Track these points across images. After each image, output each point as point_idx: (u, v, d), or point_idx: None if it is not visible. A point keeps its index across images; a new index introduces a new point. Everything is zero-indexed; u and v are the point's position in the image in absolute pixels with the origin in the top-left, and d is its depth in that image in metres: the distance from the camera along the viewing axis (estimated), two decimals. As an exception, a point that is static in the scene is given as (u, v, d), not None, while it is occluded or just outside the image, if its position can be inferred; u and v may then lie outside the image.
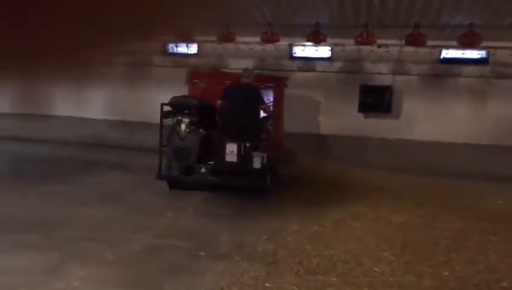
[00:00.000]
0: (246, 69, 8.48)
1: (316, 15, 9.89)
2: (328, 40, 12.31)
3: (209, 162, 7.96)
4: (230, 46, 12.96)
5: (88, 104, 15.08)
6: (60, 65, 1.35)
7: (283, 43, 12.61)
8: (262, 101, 8.08)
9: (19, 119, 14.82)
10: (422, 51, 11.94)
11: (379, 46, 11.81)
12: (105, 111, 15.07)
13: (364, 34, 9.56)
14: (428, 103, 12.52)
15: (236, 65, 13.21)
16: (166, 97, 8.34)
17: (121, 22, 1.02)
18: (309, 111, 13.35)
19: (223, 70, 10.51)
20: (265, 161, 7.79)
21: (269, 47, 12.89)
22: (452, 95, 12.48)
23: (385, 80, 12.50)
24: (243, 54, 13.26)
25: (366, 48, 12.27)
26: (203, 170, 7.86)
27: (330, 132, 13.26)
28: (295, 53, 13.58)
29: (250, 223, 7.04)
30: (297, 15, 9.81)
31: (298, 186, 9.44)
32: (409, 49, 11.72)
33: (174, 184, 8.33)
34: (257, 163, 7.74)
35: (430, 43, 11.04)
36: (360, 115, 12.89)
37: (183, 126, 7.85)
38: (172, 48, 14.57)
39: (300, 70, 13.46)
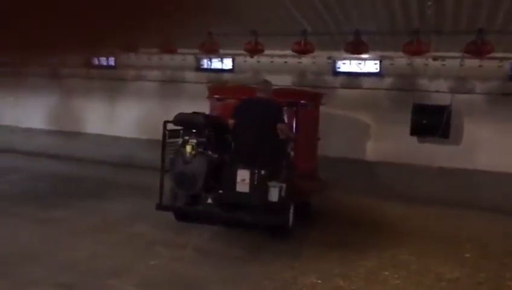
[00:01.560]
0: (263, 82, 7.20)
1: (359, 21, 8.51)
2: (375, 52, 10.93)
3: (219, 192, 6.70)
4: (264, 59, 11.79)
5: (119, 121, 14.32)
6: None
7: (322, 55, 11.32)
8: (280, 120, 6.78)
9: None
10: (488, 64, 10.28)
11: (435, 58, 10.29)
12: (136, 129, 14.18)
13: (415, 42, 8.04)
14: (495, 126, 10.80)
15: (273, 81, 12.09)
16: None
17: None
18: (354, 133, 11.96)
19: (251, 85, 9.28)
20: (283, 193, 6.45)
21: (307, 61, 11.64)
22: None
23: (443, 99, 10.88)
24: (280, 68, 12.07)
25: (419, 61, 10.76)
26: (209, 200, 6.62)
27: (377, 158, 11.77)
28: (339, 68, 12.25)
29: (258, 271, 5.78)
30: (336, 21, 8.46)
31: (328, 224, 8.08)
32: (472, 62, 10.09)
33: (181, 215, 7.14)
34: (274, 195, 6.43)
35: (498, 54, 9.39)
36: (414, 140, 11.31)
37: (188, 148, 6.68)
38: (206, 62, 13.62)
39: (344, 87, 12.09)
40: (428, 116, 10.64)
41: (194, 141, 6.73)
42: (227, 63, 13.19)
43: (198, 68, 13.56)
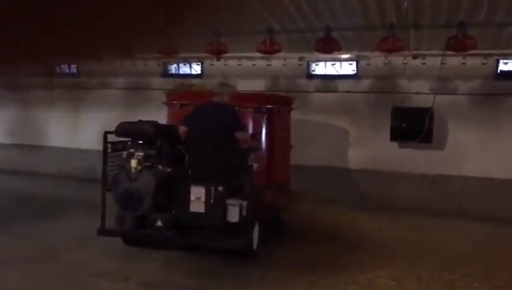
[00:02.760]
0: (220, 85, 6.25)
1: (331, 17, 7.62)
2: (350, 52, 10.10)
3: (171, 212, 5.73)
4: (232, 62, 10.89)
5: (81, 132, 13.25)
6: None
7: (292, 57, 10.45)
8: (239, 128, 5.82)
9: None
10: (472, 62, 9.48)
11: (414, 56, 9.45)
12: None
13: (391, 39, 7.16)
14: (480, 129, 10.01)
15: (244, 86, 11.17)
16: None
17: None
18: (331, 141, 11.15)
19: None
20: (245, 212, 5.51)
21: (277, 63, 10.75)
22: (512, 119, 9.87)
23: (425, 101, 10.04)
24: (249, 72, 11.18)
25: (398, 61, 9.92)
26: (159, 223, 5.63)
27: (356, 166, 10.91)
28: (313, 70, 11.38)
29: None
30: (305, 17, 7.57)
31: (299, 243, 7.17)
32: (455, 60, 9.31)
33: (130, 240, 6.15)
34: (233, 215, 5.51)
35: (482, 51, 8.57)
36: (394, 145, 10.44)
37: (133, 163, 5.71)
38: (173, 68, 12.68)
39: (319, 90, 11.22)
40: (409, 120, 9.81)
41: (141, 154, 5.75)
42: (196, 68, 12.22)
43: (166, 74, 12.59)
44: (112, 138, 6.10)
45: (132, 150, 5.82)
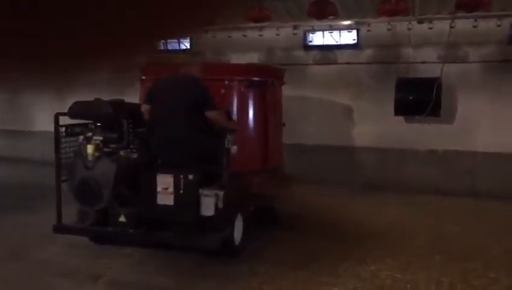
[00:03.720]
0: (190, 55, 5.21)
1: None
2: (350, 20, 9.02)
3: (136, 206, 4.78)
4: (220, 35, 9.83)
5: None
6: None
7: (286, 26, 9.39)
8: (209, 106, 4.80)
9: None
10: (484, 24, 8.35)
11: (420, 21, 8.32)
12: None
13: (394, 0, 6.09)
14: (494, 101, 8.98)
15: (237, 60, 10.17)
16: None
17: None
18: (331, 117, 10.08)
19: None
20: (221, 203, 4.54)
21: (270, 33, 9.70)
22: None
23: (432, 71, 8.98)
24: (242, 45, 10.11)
25: (402, 26, 8.84)
26: (122, 218, 4.69)
27: (359, 144, 9.90)
28: (310, 41, 10.30)
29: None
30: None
31: (292, 234, 6.25)
32: (465, 23, 8.19)
33: (95, 236, 5.23)
34: (208, 207, 4.55)
35: (496, 13, 7.47)
36: (400, 120, 9.39)
37: (89, 148, 4.74)
38: (161, 44, 11.59)
39: (318, 63, 10.14)
40: (415, 92, 8.78)
41: (100, 138, 4.78)
42: (186, 43, 11.16)
43: (155, 51, 11.51)
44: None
45: (90, 134, 4.83)
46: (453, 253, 5.66)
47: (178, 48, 11.25)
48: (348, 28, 9.57)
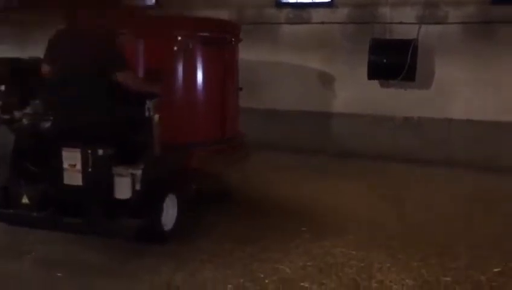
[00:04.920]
0: None
1: None
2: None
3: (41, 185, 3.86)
4: None
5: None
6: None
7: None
8: (121, 65, 3.83)
9: None
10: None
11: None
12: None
13: None
14: (474, 65, 8.00)
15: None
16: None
17: None
18: (303, 80, 9.10)
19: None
20: (140, 185, 3.64)
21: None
22: None
23: (409, 33, 7.97)
24: (212, 2, 8.97)
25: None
26: (24, 199, 3.78)
27: (332, 109, 8.94)
28: (283, -2, 9.21)
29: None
30: None
31: (243, 213, 5.38)
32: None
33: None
34: (122, 189, 3.67)
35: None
36: (375, 84, 8.45)
37: (-18, 115, 3.80)
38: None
39: (290, 22, 9.06)
40: (389, 55, 7.82)
41: (-3, 103, 3.84)
42: (151, -2, 10.04)
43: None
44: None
45: (-14, 98, 3.87)
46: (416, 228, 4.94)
47: (145, 3, 10.16)
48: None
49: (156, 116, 4.00)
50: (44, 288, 3.66)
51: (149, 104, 3.91)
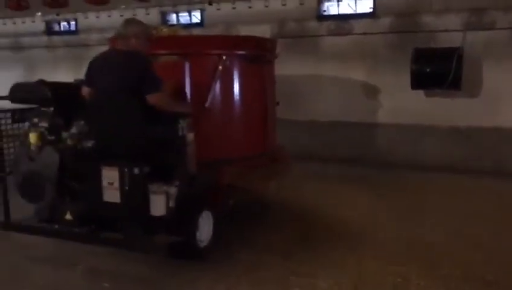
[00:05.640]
0: (125, 23, 4.19)
1: None
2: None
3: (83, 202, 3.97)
4: (241, 6, 8.80)
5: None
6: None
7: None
8: (151, 87, 3.85)
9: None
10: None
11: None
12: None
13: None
14: (523, 71, 7.56)
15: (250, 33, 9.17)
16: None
17: None
18: (345, 91, 8.95)
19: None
20: (173, 202, 3.67)
21: (293, 3, 8.59)
22: None
23: (455, 40, 7.68)
24: (259, 17, 9.18)
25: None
26: (68, 215, 3.90)
27: (375, 120, 8.72)
28: (325, 10, 9.11)
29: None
30: None
31: (284, 224, 5.27)
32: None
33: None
34: (157, 206, 3.69)
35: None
36: (419, 94, 8.18)
37: (32, 137, 3.95)
38: (172, 17, 10.69)
39: (331, 34, 8.95)
40: (433, 64, 7.54)
41: (44, 125, 3.96)
42: (197, 16, 10.20)
43: (165, 24, 10.63)
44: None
45: (35, 120, 4.02)
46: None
47: (190, 22, 10.35)
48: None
49: (190, 135, 4.02)
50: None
51: (182, 123, 3.94)
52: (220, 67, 5.03)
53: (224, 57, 5.04)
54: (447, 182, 7.35)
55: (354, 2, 8.89)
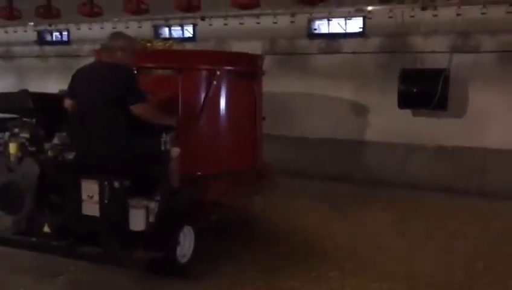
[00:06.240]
0: (111, 36, 4.12)
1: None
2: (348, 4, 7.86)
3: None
4: (233, 22, 8.78)
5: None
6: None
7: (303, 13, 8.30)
8: (136, 98, 3.77)
9: None
10: (493, 11, 7.02)
11: (424, 8, 7.07)
12: None
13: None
14: (508, 93, 7.68)
15: (239, 48, 9.12)
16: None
17: None
18: (335, 109, 8.91)
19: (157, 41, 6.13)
20: (153, 217, 3.57)
21: (284, 21, 8.58)
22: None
23: (441, 62, 7.70)
24: (251, 33, 9.11)
25: (405, 14, 7.59)
26: (46, 228, 3.77)
27: (363, 138, 8.69)
28: (315, 29, 9.12)
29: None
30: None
31: (268, 239, 5.22)
32: (473, 10, 6.87)
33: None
34: (137, 221, 3.59)
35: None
36: (407, 113, 8.14)
37: (12, 147, 3.84)
38: (164, 31, 10.64)
39: (322, 52, 8.93)
40: (420, 84, 7.54)
41: (26, 135, 3.85)
42: (190, 30, 10.16)
43: (158, 37, 10.57)
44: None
45: (16, 130, 3.91)
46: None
47: (182, 36, 10.30)
48: (347, 15, 8.36)
49: (174, 150, 3.93)
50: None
51: (165, 137, 3.85)
52: (215, 82, 4.97)
53: (218, 72, 5.00)
54: (434, 201, 7.30)
55: (344, 21, 8.88)
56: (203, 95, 4.94)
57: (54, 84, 8.45)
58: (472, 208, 6.96)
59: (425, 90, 7.45)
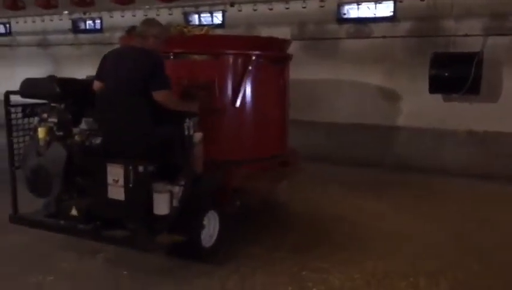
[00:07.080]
0: (143, 23, 4.03)
1: None
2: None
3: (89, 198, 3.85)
4: (262, 8, 8.60)
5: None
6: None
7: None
8: (158, 85, 3.69)
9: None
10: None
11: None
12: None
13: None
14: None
15: (268, 34, 8.97)
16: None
17: None
18: (364, 94, 8.66)
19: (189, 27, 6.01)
20: (178, 202, 3.51)
21: (313, 5, 8.32)
22: None
23: (475, 45, 7.33)
24: (279, 19, 8.92)
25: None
26: (73, 211, 3.77)
27: (393, 123, 8.41)
28: (344, 14, 8.83)
29: None
30: None
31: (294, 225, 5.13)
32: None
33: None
34: (161, 205, 3.52)
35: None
36: (438, 98, 7.84)
37: (40, 132, 3.83)
38: (194, 17, 10.55)
39: (351, 37, 8.67)
40: (452, 68, 7.20)
41: (54, 120, 3.84)
42: (219, 16, 10.04)
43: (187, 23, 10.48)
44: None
45: (45, 116, 3.90)
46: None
47: (211, 22, 10.18)
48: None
49: (198, 135, 3.85)
50: (112, 283, 3.78)
51: (188, 122, 3.76)
52: (250, 67, 4.85)
53: (253, 58, 4.87)
54: (467, 187, 7.02)
55: (374, 5, 8.58)
56: (238, 80, 4.82)
57: (86, 71, 8.48)
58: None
59: (457, 75, 7.13)
